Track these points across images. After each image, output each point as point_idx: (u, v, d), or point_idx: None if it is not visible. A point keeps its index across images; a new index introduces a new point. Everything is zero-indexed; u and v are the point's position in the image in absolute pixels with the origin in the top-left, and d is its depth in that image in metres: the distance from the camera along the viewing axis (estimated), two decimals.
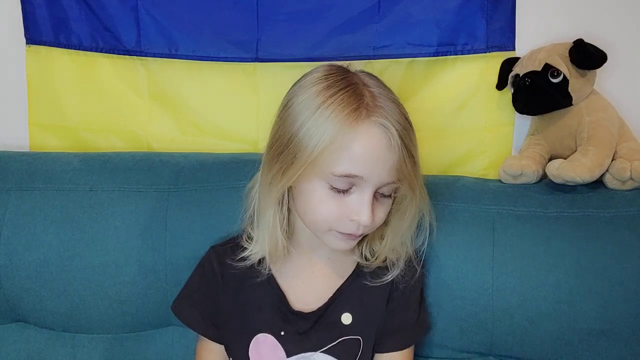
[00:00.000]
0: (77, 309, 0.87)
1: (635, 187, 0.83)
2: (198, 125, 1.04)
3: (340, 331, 0.74)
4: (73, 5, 1.01)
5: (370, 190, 0.68)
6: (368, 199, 0.68)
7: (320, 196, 0.69)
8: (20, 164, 0.92)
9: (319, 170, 0.67)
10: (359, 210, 0.68)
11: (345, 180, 0.67)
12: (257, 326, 0.75)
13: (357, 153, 0.66)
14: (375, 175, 0.67)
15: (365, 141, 0.66)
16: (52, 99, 1.04)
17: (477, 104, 0.98)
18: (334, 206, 0.69)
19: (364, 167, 0.66)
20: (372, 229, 0.73)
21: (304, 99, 0.69)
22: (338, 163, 0.66)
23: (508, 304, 0.80)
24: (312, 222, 0.72)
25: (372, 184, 0.68)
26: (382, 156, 0.66)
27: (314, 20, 0.98)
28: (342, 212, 0.69)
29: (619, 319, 0.77)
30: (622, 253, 0.78)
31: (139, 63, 1.02)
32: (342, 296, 0.76)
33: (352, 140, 0.66)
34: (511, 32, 0.96)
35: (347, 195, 0.68)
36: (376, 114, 0.66)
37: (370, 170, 0.67)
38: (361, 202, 0.68)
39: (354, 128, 0.65)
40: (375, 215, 0.70)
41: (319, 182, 0.69)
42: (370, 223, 0.68)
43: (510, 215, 0.83)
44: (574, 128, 0.89)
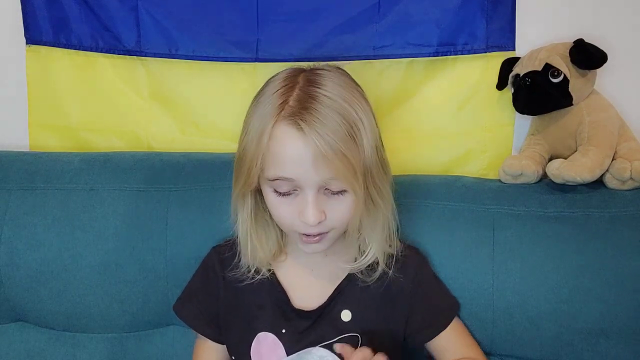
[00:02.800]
0: (77, 309, 0.87)
1: (635, 187, 0.83)
2: (198, 125, 1.04)
3: (340, 328, 0.75)
4: (73, 5, 1.01)
5: (310, 189, 0.67)
6: (310, 198, 0.67)
7: (272, 200, 0.71)
8: (20, 164, 0.92)
9: (261, 177, 0.69)
10: (303, 211, 0.68)
11: (279, 183, 0.68)
12: (258, 325, 0.75)
13: (278, 156, 0.67)
14: (303, 175, 0.66)
15: (281, 142, 0.66)
16: (52, 99, 1.04)
17: (477, 104, 0.98)
18: (285, 209, 0.70)
19: (289, 169, 0.66)
20: (335, 228, 0.71)
21: (251, 105, 0.72)
22: (267, 168, 0.68)
23: (508, 304, 0.80)
24: (278, 223, 0.74)
25: (307, 183, 0.67)
26: (301, 156, 0.65)
27: (314, 20, 0.97)
28: (292, 213, 0.69)
29: (619, 319, 0.77)
30: (622, 253, 0.78)
31: (139, 63, 1.02)
32: (341, 294, 0.76)
33: (272, 144, 0.66)
34: (511, 32, 0.96)
35: (295, 196, 0.69)
36: (293, 114, 0.66)
37: (297, 171, 0.66)
38: (304, 202, 0.68)
39: (272, 131, 0.66)
40: (330, 213, 0.69)
41: (265, 187, 0.71)
42: (316, 221, 0.67)
43: (510, 215, 0.83)
44: (574, 128, 0.89)
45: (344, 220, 0.71)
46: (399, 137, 0.99)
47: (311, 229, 0.69)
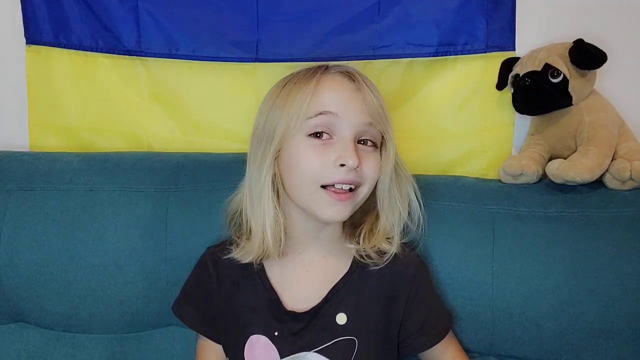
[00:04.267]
0: (77, 309, 0.87)
1: (635, 187, 0.83)
2: (198, 125, 1.04)
3: (334, 331, 0.73)
4: (73, 5, 1.01)
5: (349, 131, 0.70)
6: (349, 139, 0.70)
7: (304, 150, 0.71)
8: (20, 164, 0.92)
9: (296, 127, 0.71)
10: (343, 152, 0.69)
11: (320, 119, 0.70)
12: (250, 327, 0.75)
13: (326, 96, 0.71)
14: (348, 113, 0.70)
15: (331, 85, 0.72)
16: (52, 99, 1.04)
17: (477, 104, 0.98)
18: (318, 155, 0.70)
19: (336, 105, 0.70)
20: (364, 181, 0.72)
21: (273, 88, 0.77)
22: (310, 108, 0.71)
23: (508, 304, 0.80)
24: (301, 185, 0.71)
25: (349, 123, 0.70)
26: (351, 95, 0.71)
27: (314, 20, 0.98)
28: (326, 160, 0.70)
29: (619, 319, 0.77)
30: (622, 253, 0.78)
31: (139, 63, 1.02)
32: (336, 296, 0.75)
33: (318, 88, 0.71)
34: (511, 32, 0.96)
35: (329, 143, 0.71)
36: (335, 68, 0.74)
37: (342, 107, 0.70)
38: (344, 145, 0.70)
39: (317, 81, 0.72)
40: (364, 164, 0.71)
41: (299, 137, 0.71)
42: (356, 164, 0.69)
43: (510, 215, 0.83)
44: (574, 128, 0.89)
45: (374, 174, 0.73)
46: (399, 137, 0.98)
47: (347, 176, 0.69)
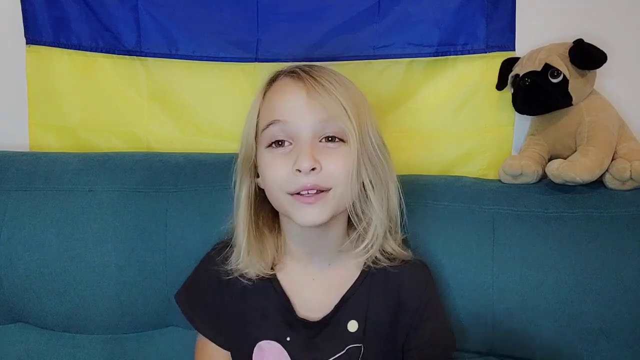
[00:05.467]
0: (77, 309, 0.87)
1: (635, 187, 0.83)
2: (198, 125, 1.04)
3: (346, 339, 0.73)
4: (73, 5, 1.01)
5: (303, 134, 0.68)
6: (305, 142, 0.67)
7: (267, 160, 0.70)
8: (20, 164, 0.92)
9: (255, 140, 0.72)
10: (297, 157, 0.67)
11: (273, 130, 0.69)
12: (260, 333, 0.73)
13: (272, 103, 0.71)
14: (297, 116, 0.68)
15: (278, 92, 0.72)
16: (52, 99, 1.04)
17: (477, 104, 0.98)
18: (280, 164, 0.69)
19: (281, 111, 0.69)
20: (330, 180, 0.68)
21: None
22: (261, 120, 0.71)
23: (508, 304, 0.80)
24: (273, 195, 0.71)
25: (301, 126, 0.68)
26: (298, 97, 0.68)
27: (314, 20, 0.98)
28: (285, 168, 0.68)
29: (619, 319, 0.77)
30: (622, 253, 0.78)
31: (138, 63, 1.02)
32: (347, 304, 0.74)
33: (266, 99, 0.72)
34: (511, 32, 0.96)
35: (289, 150, 0.69)
36: (291, 70, 0.72)
37: (290, 112, 0.68)
38: (297, 149, 0.68)
39: (264, 91, 0.72)
40: (327, 163, 0.67)
41: (261, 148, 0.71)
42: (309, 166, 0.66)
43: (510, 215, 0.83)
44: (573, 128, 0.89)
45: (341, 170, 0.68)
46: (399, 137, 0.99)
47: (306, 180, 0.66)
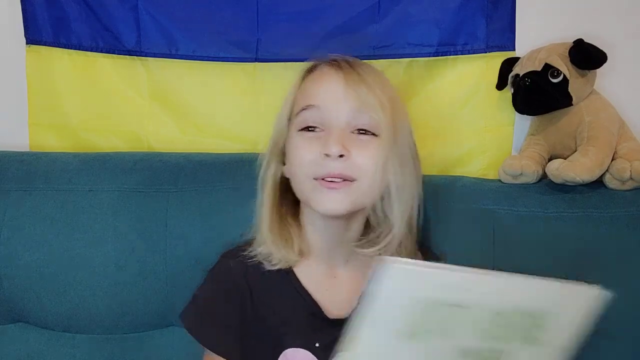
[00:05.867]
0: (77, 309, 0.87)
1: (635, 187, 0.83)
2: (198, 125, 1.04)
3: None
4: (73, 5, 1.00)
5: (336, 121, 0.68)
6: (337, 128, 0.68)
7: (296, 143, 0.70)
8: (20, 164, 0.92)
9: (287, 120, 0.73)
10: (326, 141, 0.67)
11: (306, 114, 0.70)
12: (284, 341, 0.70)
13: (309, 89, 0.71)
14: (332, 103, 0.69)
15: (317, 78, 0.72)
16: (52, 99, 1.04)
17: (477, 104, 0.98)
18: (308, 147, 0.69)
19: (317, 97, 0.70)
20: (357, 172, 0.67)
21: None
22: (297, 103, 0.72)
23: None
24: (298, 179, 0.70)
25: (335, 113, 0.68)
26: (336, 85, 0.69)
27: (314, 20, 0.98)
28: (314, 151, 0.68)
29: (619, 319, 0.77)
30: (622, 253, 0.78)
31: (139, 63, 1.02)
32: None
33: (304, 83, 0.72)
34: (511, 32, 0.96)
35: (321, 136, 0.69)
36: (325, 61, 0.72)
37: (326, 99, 0.69)
38: (327, 134, 0.68)
39: (304, 77, 0.73)
40: (355, 153, 0.67)
41: (293, 131, 0.71)
42: (337, 151, 0.65)
43: (510, 215, 0.82)
44: (574, 128, 0.89)
45: (368, 164, 0.67)
46: None
47: (333, 165, 0.66)
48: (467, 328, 0.50)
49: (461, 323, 0.50)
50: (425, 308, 0.48)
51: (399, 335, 0.49)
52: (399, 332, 0.49)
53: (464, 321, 0.50)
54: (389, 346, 0.50)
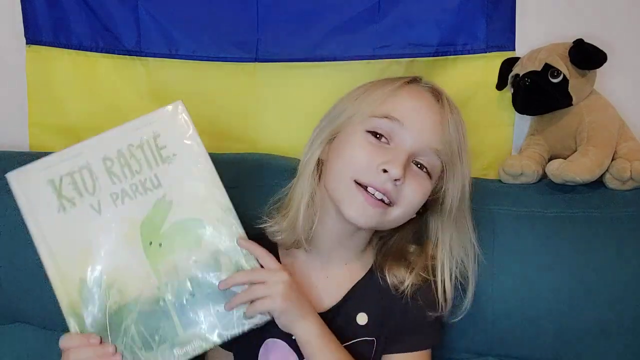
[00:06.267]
0: None
1: (635, 187, 0.83)
2: (198, 125, 1.04)
3: (355, 332, 0.71)
4: (73, 5, 1.01)
5: (408, 144, 0.67)
6: (405, 151, 0.67)
7: (356, 141, 0.69)
8: (20, 164, 0.92)
9: (359, 118, 0.69)
10: (392, 159, 0.65)
11: (384, 122, 0.68)
12: (265, 331, 0.71)
13: (401, 103, 0.69)
14: (416, 127, 0.67)
15: (412, 95, 0.69)
16: (52, 99, 1.04)
17: (477, 104, 0.98)
18: (368, 151, 0.68)
19: (406, 114, 0.67)
20: (399, 200, 0.68)
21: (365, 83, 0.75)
22: (381, 105, 0.69)
23: (508, 304, 0.80)
24: (338, 174, 0.69)
25: (412, 138, 0.67)
26: (427, 112, 0.68)
27: (314, 20, 0.98)
28: (373, 159, 0.67)
29: (619, 319, 0.77)
30: (622, 253, 0.78)
31: (139, 63, 1.02)
32: (356, 295, 0.73)
33: (398, 93, 0.69)
34: (511, 32, 0.96)
35: (384, 147, 0.68)
36: (426, 83, 0.72)
37: (412, 120, 0.67)
38: (396, 152, 0.66)
39: (400, 87, 0.70)
40: (407, 183, 0.67)
41: (358, 128, 0.69)
42: (398, 175, 0.65)
43: (510, 215, 0.82)
44: (574, 128, 0.89)
45: (414, 197, 0.68)
46: None
47: (382, 181, 0.66)
48: (104, 178, 0.65)
49: (96, 179, 0.65)
50: (61, 182, 0.64)
51: (60, 210, 0.64)
52: (58, 208, 0.64)
53: (97, 177, 0.65)
54: (59, 224, 0.64)
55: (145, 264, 0.65)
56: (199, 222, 0.66)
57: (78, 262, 0.64)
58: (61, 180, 0.65)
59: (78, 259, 0.64)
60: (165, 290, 0.65)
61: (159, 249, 0.65)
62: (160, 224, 0.66)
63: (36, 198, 0.64)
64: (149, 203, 0.65)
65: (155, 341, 0.63)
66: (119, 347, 0.63)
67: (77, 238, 0.64)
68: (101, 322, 0.63)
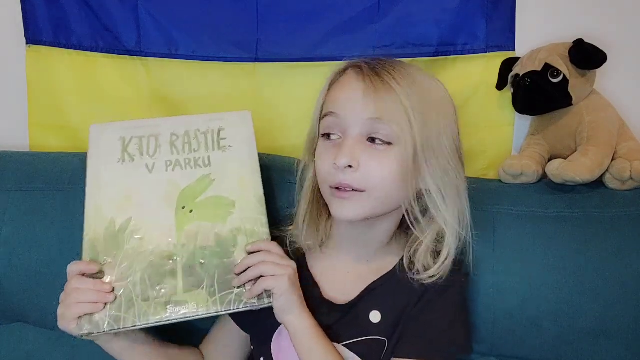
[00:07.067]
0: None
1: (635, 187, 0.83)
2: None
3: (366, 329, 0.71)
4: (73, 5, 1.01)
5: (351, 130, 0.68)
6: (351, 138, 0.68)
7: (319, 150, 0.72)
8: (20, 164, 0.92)
9: (317, 120, 0.74)
10: (338, 151, 0.67)
11: (327, 121, 0.71)
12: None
13: (333, 97, 0.71)
14: (349, 111, 0.68)
15: (340, 86, 0.71)
16: (52, 99, 1.04)
17: (477, 104, 0.98)
18: (324, 156, 0.70)
19: (338, 104, 0.70)
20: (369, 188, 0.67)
21: None
22: (322, 110, 0.72)
23: (508, 304, 0.80)
24: (320, 183, 0.73)
25: (350, 122, 0.68)
26: (354, 93, 0.68)
27: (314, 20, 0.98)
28: (329, 161, 0.69)
29: (619, 319, 0.77)
30: (622, 253, 0.78)
31: (139, 63, 1.02)
32: (372, 293, 0.73)
33: (330, 90, 0.72)
34: (511, 32, 0.96)
35: (337, 142, 0.70)
36: (352, 66, 0.71)
37: (345, 107, 0.69)
38: (341, 143, 0.68)
39: (330, 83, 0.73)
40: (366, 164, 0.67)
41: (319, 136, 0.73)
42: (343, 163, 0.66)
43: (510, 215, 0.82)
44: (574, 128, 0.89)
45: (378, 176, 0.67)
46: None
47: (342, 176, 0.67)
48: (166, 147, 0.75)
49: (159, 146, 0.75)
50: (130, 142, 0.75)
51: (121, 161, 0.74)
52: (119, 159, 0.74)
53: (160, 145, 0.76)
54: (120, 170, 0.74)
55: (172, 224, 0.71)
56: (232, 202, 0.73)
57: (116, 205, 0.71)
58: (130, 140, 0.75)
59: (117, 202, 0.72)
60: (180, 250, 0.70)
61: (188, 214, 0.72)
62: (198, 195, 0.73)
63: (105, 147, 0.75)
64: (195, 176, 0.74)
65: (153, 294, 0.67)
66: (118, 289, 0.67)
67: (124, 186, 0.73)
68: (115, 259, 0.69)
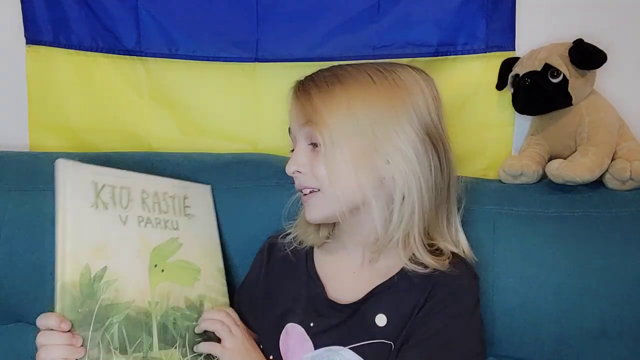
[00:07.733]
0: None
1: (635, 187, 0.83)
2: (198, 125, 1.04)
3: (372, 332, 0.71)
4: (73, 5, 1.01)
5: (298, 141, 0.73)
6: (296, 149, 0.73)
7: None
8: (20, 164, 0.92)
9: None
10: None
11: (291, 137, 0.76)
12: (289, 315, 0.75)
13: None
14: (291, 123, 0.74)
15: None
16: (52, 99, 1.04)
17: (477, 104, 0.98)
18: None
19: (289, 119, 0.76)
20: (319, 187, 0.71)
21: None
22: None
23: (508, 305, 0.80)
24: None
25: (294, 132, 0.74)
26: (290, 105, 0.75)
27: (314, 20, 0.98)
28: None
29: (619, 319, 0.77)
30: (622, 253, 0.78)
31: (139, 63, 1.02)
32: (378, 295, 0.72)
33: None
34: (511, 32, 0.96)
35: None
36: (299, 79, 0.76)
37: (289, 120, 0.75)
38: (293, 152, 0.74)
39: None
40: (314, 167, 0.71)
41: None
42: (289, 170, 0.72)
43: (510, 215, 0.82)
44: (573, 128, 0.89)
45: (321, 175, 0.70)
46: None
47: (297, 182, 0.74)
48: (137, 203, 0.76)
49: (131, 200, 0.75)
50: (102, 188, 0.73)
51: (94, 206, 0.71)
52: (92, 204, 0.71)
53: (132, 199, 0.75)
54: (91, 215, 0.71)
55: (146, 280, 0.72)
56: (197, 269, 0.79)
57: (90, 251, 0.69)
58: (103, 187, 0.73)
59: (91, 248, 0.69)
60: (154, 308, 0.72)
61: (160, 273, 0.74)
62: (168, 256, 0.76)
63: (77, 188, 0.71)
64: (165, 236, 0.77)
65: (131, 348, 0.68)
66: (94, 341, 0.65)
67: (99, 232, 0.71)
68: (90, 308, 0.66)
